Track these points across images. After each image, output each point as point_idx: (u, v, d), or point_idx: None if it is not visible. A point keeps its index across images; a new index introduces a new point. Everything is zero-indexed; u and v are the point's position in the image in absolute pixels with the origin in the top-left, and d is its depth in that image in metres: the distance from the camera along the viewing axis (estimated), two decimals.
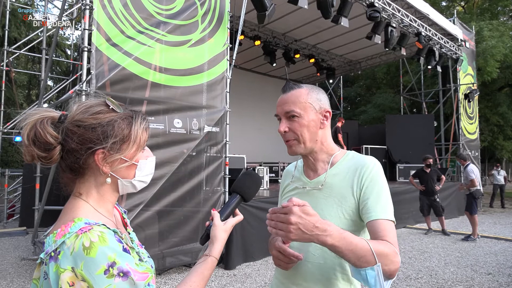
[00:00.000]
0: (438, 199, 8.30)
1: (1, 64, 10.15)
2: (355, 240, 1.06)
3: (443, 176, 8.52)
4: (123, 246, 0.87)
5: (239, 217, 1.20)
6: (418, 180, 8.55)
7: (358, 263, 1.07)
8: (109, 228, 0.89)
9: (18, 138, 10.10)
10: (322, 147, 1.37)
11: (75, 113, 0.96)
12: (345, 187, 1.29)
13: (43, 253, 0.86)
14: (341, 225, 1.24)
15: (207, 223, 1.16)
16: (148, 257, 1.08)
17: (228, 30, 5.95)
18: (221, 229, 1.12)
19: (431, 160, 8.45)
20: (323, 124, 1.35)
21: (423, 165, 8.47)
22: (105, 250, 0.81)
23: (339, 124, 10.71)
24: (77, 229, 0.84)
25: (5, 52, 9.98)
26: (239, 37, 6.38)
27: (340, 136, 10.48)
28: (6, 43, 10.01)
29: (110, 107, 0.98)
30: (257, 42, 10.99)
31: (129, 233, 1.12)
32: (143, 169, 1.04)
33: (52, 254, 0.83)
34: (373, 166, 1.29)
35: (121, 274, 0.81)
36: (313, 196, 1.35)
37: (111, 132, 0.95)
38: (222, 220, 1.15)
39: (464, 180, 7.88)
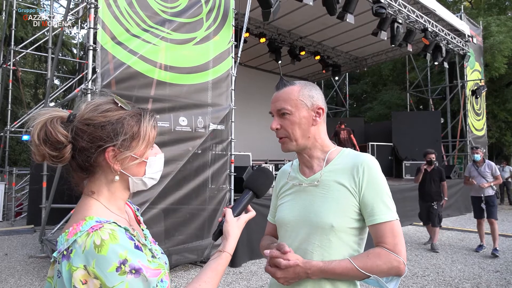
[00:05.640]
0: (436, 206, 6.68)
1: (8, 63, 10.21)
2: (337, 268, 1.19)
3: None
4: (134, 243, 0.88)
5: (252, 213, 1.21)
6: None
7: (351, 280, 1.25)
8: (120, 226, 0.89)
9: (25, 137, 10.18)
10: (315, 143, 1.36)
11: (84, 112, 0.96)
12: (343, 184, 1.28)
13: (56, 252, 0.87)
14: (339, 222, 1.25)
15: (220, 219, 1.17)
16: (162, 253, 1.09)
17: (233, 28, 5.94)
18: (234, 225, 1.13)
19: (432, 156, 6.84)
20: (316, 121, 1.34)
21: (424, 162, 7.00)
22: (116, 248, 0.82)
23: (343, 126, 11.03)
24: (88, 227, 0.85)
25: (12, 51, 10.04)
26: (244, 34, 6.37)
27: (353, 138, 10.78)
28: (13, 43, 10.07)
29: (119, 105, 0.99)
30: (262, 40, 10.98)
31: (143, 230, 1.13)
32: (153, 166, 1.04)
33: (65, 252, 0.84)
34: (371, 165, 1.29)
35: (133, 271, 0.82)
36: (309, 193, 1.34)
37: (120, 130, 0.96)
38: (235, 216, 1.15)
39: None
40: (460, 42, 11.67)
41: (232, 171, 5.72)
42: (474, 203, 6.67)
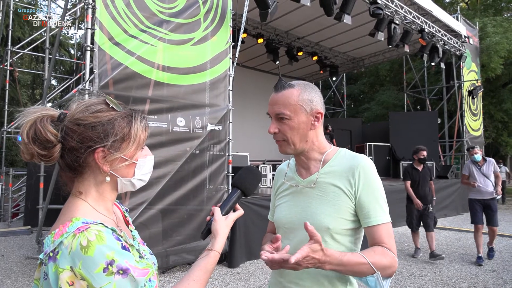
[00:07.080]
0: (432, 209, 6.11)
1: (5, 63, 10.18)
2: (352, 261, 1.14)
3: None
4: (121, 243, 0.87)
5: (240, 211, 1.20)
6: (409, 180, 6.24)
7: (358, 276, 1.20)
8: (106, 227, 0.89)
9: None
10: (313, 146, 1.36)
11: (75, 112, 0.95)
12: (338, 186, 1.29)
13: (42, 254, 0.86)
14: (334, 224, 1.26)
15: (208, 218, 1.16)
16: (150, 254, 1.09)
17: (231, 28, 5.94)
18: (223, 224, 1.12)
19: (425, 153, 6.21)
20: (314, 125, 1.33)
21: (414, 160, 6.34)
22: (103, 249, 0.82)
23: (328, 131, 11.12)
24: (74, 228, 0.85)
25: (9, 51, 10.02)
26: (242, 35, 6.38)
27: (334, 143, 10.93)
28: (10, 43, 10.05)
29: (110, 106, 0.98)
30: (260, 40, 10.98)
31: (131, 231, 1.13)
32: (142, 167, 1.04)
33: (51, 254, 0.83)
34: (367, 167, 1.29)
35: (121, 272, 0.82)
36: (306, 194, 1.35)
37: (111, 131, 0.95)
38: (223, 215, 1.15)
39: None
40: (457, 42, 11.72)
41: (230, 171, 5.72)
42: (473, 207, 6.06)
